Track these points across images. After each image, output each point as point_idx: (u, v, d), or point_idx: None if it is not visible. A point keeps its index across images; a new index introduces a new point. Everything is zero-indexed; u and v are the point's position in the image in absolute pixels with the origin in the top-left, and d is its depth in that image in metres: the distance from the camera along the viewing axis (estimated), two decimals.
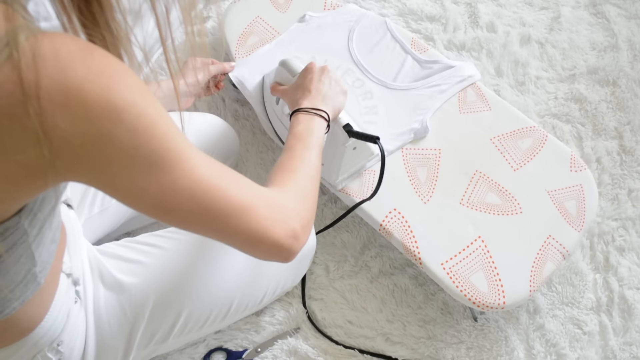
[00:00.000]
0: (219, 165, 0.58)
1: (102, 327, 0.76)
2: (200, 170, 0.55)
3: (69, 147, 0.46)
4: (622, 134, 1.20)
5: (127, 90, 0.47)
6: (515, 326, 1.00)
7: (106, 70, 0.46)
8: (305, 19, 1.18)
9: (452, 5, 1.35)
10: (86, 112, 0.45)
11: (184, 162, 0.53)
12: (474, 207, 0.98)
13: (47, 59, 0.43)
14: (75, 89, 0.44)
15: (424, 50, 1.14)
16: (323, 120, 0.83)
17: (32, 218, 0.53)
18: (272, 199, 0.63)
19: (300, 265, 0.96)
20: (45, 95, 0.43)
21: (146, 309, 0.79)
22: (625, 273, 1.05)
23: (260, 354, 0.97)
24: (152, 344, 0.82)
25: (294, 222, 0.64)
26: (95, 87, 0.45)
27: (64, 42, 0.45)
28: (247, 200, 0.58)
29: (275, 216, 0.61)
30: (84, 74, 0.45)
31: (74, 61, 0.45)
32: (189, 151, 0.54)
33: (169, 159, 0.52)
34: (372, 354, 0.98)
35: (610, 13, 1.35)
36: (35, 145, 0.44)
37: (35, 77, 0.43)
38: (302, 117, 0.83)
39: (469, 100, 1.08)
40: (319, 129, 0.82)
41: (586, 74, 1.27)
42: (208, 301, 0.84)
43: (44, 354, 0.68)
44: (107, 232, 0.95)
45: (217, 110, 1.20)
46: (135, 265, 0.80)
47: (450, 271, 0.92)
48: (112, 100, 0.46)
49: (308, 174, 0.73)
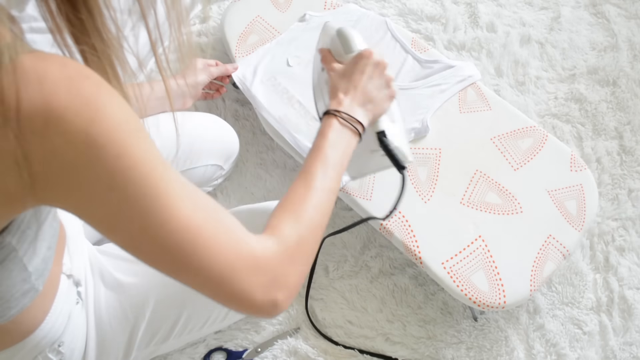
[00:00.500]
0: (204, 214, 0.52)
1: (103, 328, 0.76)
2: (177, 223, 0.50)
3: (46, 173, 0.44)
4: (622, 134, 1.20)
5: (111, 126, 0.45)
6: (515, 326, 1.00)
7: (93, 102, 0.44)
8: (305, 18, 1.18)
9: (452, 5, 1.35)
10: (65, 143, 0.43)
11: (161, 210, 0.49)
12: (475, 206, 0.98)
13: (30, 83, 0.42)
14: (55, 118, 0.42)
15: (424, 50, 1.14)
16: (354, 137, 0.72)
17: (20, 235, 0.52)
18: (258, 259, 0.55)
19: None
20: (26, 120, 0.42)
21: (147, 309, 0.78)
22: (625, 273, 1.05)
23: (260, 354, 0.97)
24: (153, 344, 0.82)
25: (277, 290, 0.56)
26: (78, 119, 0.43)
27: (51, 66, 0.43)
28: (227, 264, 0.52)
29: (257, 281, 0.55)
30: (68, 103, 0.43)
31: (58, 88, 0.43)
32: (172, 196, 0.49)
33: (144, 204, 0.48)
34: (372, 354, 0.97)
35: (610, 13, 1.35)
36: (14, 168, 0.43)
37: (16, 101, 0.41)
38: (335, 126, 0.71)
39: (469, 100, 1.08)
40: (347, 148, 0.71)
41: (586, 74, 1.27)
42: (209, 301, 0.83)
43: (44, 355, 0.68)
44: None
45: (217, 110, 1.20)
46: (136, 265, 0.80)
47: (450, 271, 0.92)
48: (93, 135, 0.44)
49: (315, 224, 0.64)
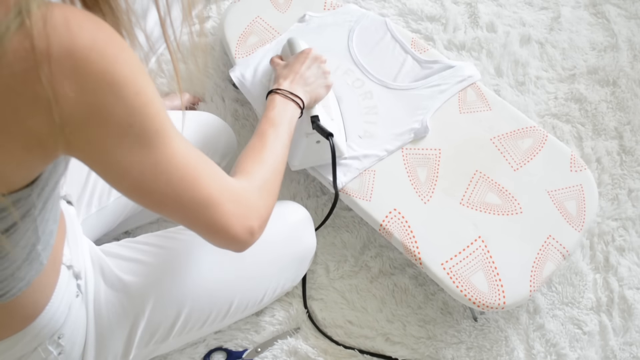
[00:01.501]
0: (197, 154, 0.61)
1: (102, 324, 0.76)
2: (180, 158, 0.57)
3: (75, 115, 0.48)
4: (622, 134, 1.20)
5: (128, 67, 0.49)
6: (515, 326, 1.00)
7: (111, 44, 0.48)
8: (305, 19, 1.18)
9: (452, 5, 1.35)
10: (91, 83, 0.47)
11: (168, 146, 0.56)
12: (474, 207, 0.98)
13: (57, 28, 0.45)
14: (82, 59, 0.46)
15: (424, 50, 1.14)
16: (297, 108, 0.87)
17: (39, 191, 0.55)
18: (237, 193, 0.65)
19: (301, 265, 0.96)
20: (56, 63, 0.45)
21: (146, 307, 0.79)
22: (625, 273, 1.05)
23: (260, 354, 0.97)
24: (152, 343, 0.82)
25: (253, 220, 0.66)
26: (101, 59, 0.47)
27: (74, 13, 0.47)
28: (215, 194, 0.61)
29: (237, 212, 0.64)
30: (92, 44, 0.46)
31: (83, 31, 0.46)
32: (174, 136, 0.57)
33: (156, 140, 0.54)
34: (372, 354, 0.98)
35: (610, 13, 1.35)
36: (46, 111, 0.46)
37: (46, 45, 0.44)
38: (279, 100, 0.86)
39: (469, 100, 1.08)
40: (291, 117, 0.85)
41: (586, 74, 1.27)
42: (208, 301, 0.84)
43: (44, 346, 0.68)
44: (106, 231, 0.95)
45: (217, 110, 1.20)
46: (135, 264, 0.80)
47: (450, 271, 0.92)
48: (116, 74, 0.48)
49: (275, 168, 0.76)
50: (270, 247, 0.88)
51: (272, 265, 0.90)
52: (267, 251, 0.88)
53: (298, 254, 0.94)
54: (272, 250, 0.89)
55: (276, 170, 0.76)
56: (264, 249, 0.85)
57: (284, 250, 0.92)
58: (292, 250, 0.93)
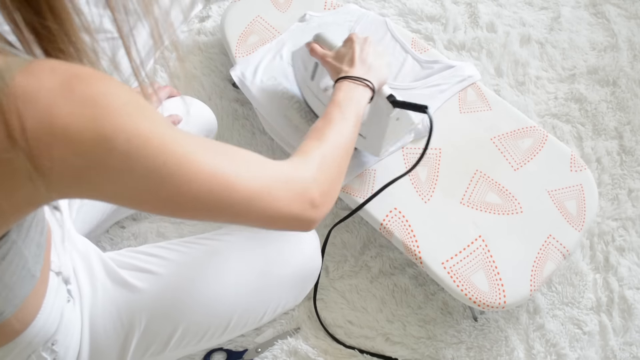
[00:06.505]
0: (224, 152, 0.57)
1: (97, 331, 0.75)
2: (204, 168, 0.53)
3: (62, 180, 0.46)
4: (622, 134, 1.20)
5: (113, 115, 0.46)
6: (515, 326, 1.00)
7: (89, 99, 0.45)
8: (305, 18, 1.18)
9: (452, 5, 1.35)
10: (75, 148, 0.44)
11: (184, 168, 0.52)
12: (475, 206, 0.98)
13: (28, 102, 0.42)
14: (60, 127, 0.43)
15: (424, 50, 1.14)
16: (368, 89, 0.83)
17: (18, 228, 0.54)
18: (285, 174, 0.63)
19: (304, 285, 0.93)
20: (33, 137, 0.43)
21: (143, 318, 0.77)
22: (625, 273, 1.05)
23: (260, 354, 0.97)
24: (148, 356, 0.80)
25: (312, 191, 0.64)
26: (80, 120, 0.44)
27: (42, 78, 0.44)
28: (256, 187, 0.58)
29: (289, 193, 0.61)
30: (67, 109, 0.44)
31: (54, 98, 0.43)
32: (189, 152, 0.52)
33: (167, 171, 0.51)
34: (372, 354, 0.97)
35: (610, 13, 1.35)
36: (29, 184, 0.45)
37: (19, 123, 0.42)
38: (347, 85, 0.82)
39: (469, 100, 1.08)
40: (361, 99, 0.82)
41: (586, 74, 1.27)
42: (206, 316, 0.82)
43: (38, 353, 0.67)
44: (97, 222, 0.95)
45: (216, 110, 1.20)
46: (137, 272, 0.79)
47: (450, 270, 0.92)
48: (100, 130, 0.45)
49: (338, 144, 0.73)
50: (273, 265, 0.86)
51: (275, 285, 0.87)
52: (270, 270, 0.86)
53: (302, 274, 0.90)
54: (274, 269, 0.86)
55: (340, 147, 0.73)
56: (266, 267, 0.84)
57: (287, 270, 0.88)
58: (296, 269, 0.89)
